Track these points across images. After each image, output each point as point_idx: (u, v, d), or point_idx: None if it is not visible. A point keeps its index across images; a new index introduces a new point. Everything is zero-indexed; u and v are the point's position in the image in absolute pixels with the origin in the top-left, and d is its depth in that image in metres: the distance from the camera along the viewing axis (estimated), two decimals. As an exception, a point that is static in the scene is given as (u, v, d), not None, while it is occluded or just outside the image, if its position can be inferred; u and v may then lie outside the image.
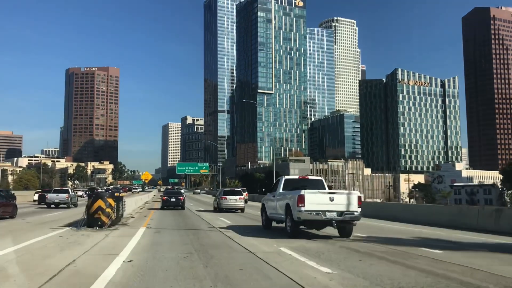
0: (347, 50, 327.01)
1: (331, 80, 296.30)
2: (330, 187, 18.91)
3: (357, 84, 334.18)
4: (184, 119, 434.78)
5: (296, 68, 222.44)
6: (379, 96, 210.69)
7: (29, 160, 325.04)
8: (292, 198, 13.79)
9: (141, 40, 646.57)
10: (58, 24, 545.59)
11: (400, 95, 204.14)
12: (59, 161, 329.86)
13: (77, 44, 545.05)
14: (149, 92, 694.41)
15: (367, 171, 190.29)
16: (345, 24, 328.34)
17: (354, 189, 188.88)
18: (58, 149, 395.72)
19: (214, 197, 39.09)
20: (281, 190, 15.81)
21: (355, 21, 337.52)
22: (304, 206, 13.18)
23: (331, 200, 13.36)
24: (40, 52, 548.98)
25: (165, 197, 34.36)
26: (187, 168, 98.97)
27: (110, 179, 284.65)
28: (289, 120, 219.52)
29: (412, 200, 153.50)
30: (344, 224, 13.79)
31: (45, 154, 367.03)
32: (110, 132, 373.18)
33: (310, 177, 17.54)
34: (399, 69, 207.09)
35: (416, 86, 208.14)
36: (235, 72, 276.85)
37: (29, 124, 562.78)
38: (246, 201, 36.61)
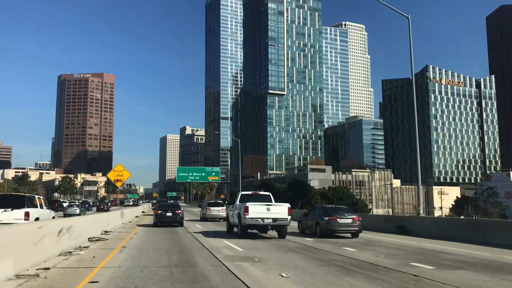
0: (357, 55, 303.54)
1: (345, 83, 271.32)
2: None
3: (369, 91, 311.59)
4: (183, 130, 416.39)
5: (310, 66, 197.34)
6: (406, 97, 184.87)
7: (16, 172, 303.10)
8: (241, 208, 19.25)
9: (137, 49, 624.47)
10: (51, 30, 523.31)
11: (432, 96, 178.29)
12: (48, 173, 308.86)
13: (70, 51, 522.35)
14: (146, 103, 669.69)
15: (396, 183, 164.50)
16: (354, 28, 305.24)
17: (381, 203, 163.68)
18: (50, 162, 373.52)
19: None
20: (237, 203, 20.84)
21: (364, 26, 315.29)
22: (248, 214, 18.60)
23: (268, 210, 18.82)
24: (32, 59, 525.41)
25: (159, 211, 27.53)
26: (190, 174, 71.60)
27: (103, 192, 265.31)
28: (303, 125, 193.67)
29: (461, 216, 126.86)
30: (279, 228, 19.45)
31: (38, 167, 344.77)
32: (104, 142, 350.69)
33: (260, 193, 23.04)
34: (430, 66, 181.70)
35: (449, 86, 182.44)
36: (239, 74, 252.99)
37: (25, 137, 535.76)
38: None
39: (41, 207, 19.72)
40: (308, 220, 22.52)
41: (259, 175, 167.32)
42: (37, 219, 17.78)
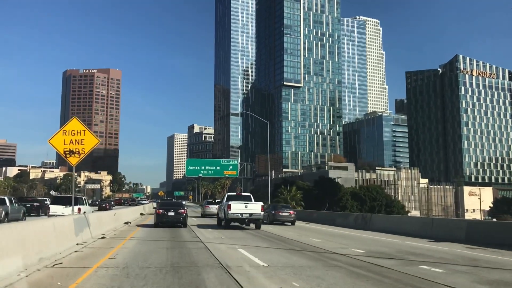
0: (372, 50, 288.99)
1: (363, 77, 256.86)
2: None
3: (384, 88, 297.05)
4: (191, 128, 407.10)
5: (328, 57, 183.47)
6: (433, 91, 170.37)
7: (18, 169, 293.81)
8: (225, 206, 24.41)
9: (143, 45, 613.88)
10: (57, 25, 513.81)
11: (463, 88, 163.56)
12: (52, 171, 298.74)
13: (76, 49, 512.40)
14: (153, 101, 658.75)
15: (423, 182, 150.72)
16: (368, 23, 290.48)
17: (407, 204, 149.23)
18: (55, 160, 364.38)
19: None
20: (224, 201, 25.81)
21: (378, 21, 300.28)
22: (230, 210, 23.73)
23: (246, 207, 23.94)
24: (38, 56, 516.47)
25: (160, 210, 25.26)
26: (202, 168, 57.70)
27: (108, 191, 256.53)
28: (321, 120, 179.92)
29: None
30: (255, 221, 24.68)
31: (44, 166, 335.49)
32: (110, 140, 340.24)
33: (243, 194, 28.61)
34: (460, 56, 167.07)
35: (480, 78, 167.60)
36: (250, 69, 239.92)
37: (33, 136, 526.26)
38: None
39: (87, 204, 28.77)
40: (266, 212, 29.15)
41: (273, 174, 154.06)
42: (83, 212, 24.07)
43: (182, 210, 25.03)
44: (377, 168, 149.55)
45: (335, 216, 30.84)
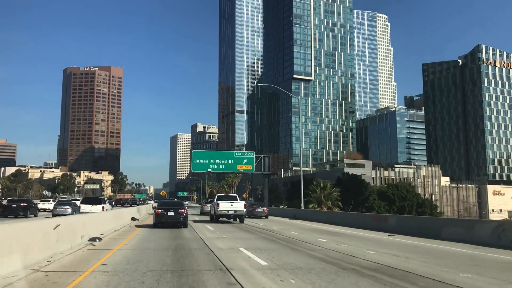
0: (381, 46, 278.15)
1: (374, 72, 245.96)
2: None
3: (393, 85, 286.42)
4: (194, 127, 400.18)
5: (340, 49, 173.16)
6: (453, 83, 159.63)
7: (17, 170, 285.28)
8: (215, 204, 29.75)
9: (146, 44, 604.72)
10: (57, 24, 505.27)
11: (485, 80, 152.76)
12: (52, 171, 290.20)
13: (77, 46, 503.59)
14: (156, 101, 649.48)
15: (444, 181, 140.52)
16: (377, 18, 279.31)
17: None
18: (56, 161, 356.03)
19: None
20: (215, 201, 30.62)
21: (386, 16, 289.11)
22: (219, 208, 28.82)
23: (231, 205, 28.91)
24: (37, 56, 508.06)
25: (160, 210, 24.29)
26: (211, 161, 47.99)
27: (109, 191, 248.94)
28: (333, 115, 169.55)
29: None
30: (238, 217, 29.71)
31: (45, 166, 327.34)
32: (111, 139, 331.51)
33: (230, 194, 33.35)
34: (483, 46, 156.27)
35: (504, 69, 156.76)
36: (256, 64, 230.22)
37: (36, 137, 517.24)
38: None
39: (108, 204, 37.57)
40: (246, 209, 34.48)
41: (282, 172, 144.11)
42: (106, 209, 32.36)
43: (182, 210, 24.33)
44: (395, 165, 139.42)
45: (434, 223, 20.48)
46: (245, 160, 50.36)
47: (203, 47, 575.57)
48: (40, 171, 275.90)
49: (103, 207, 31.46)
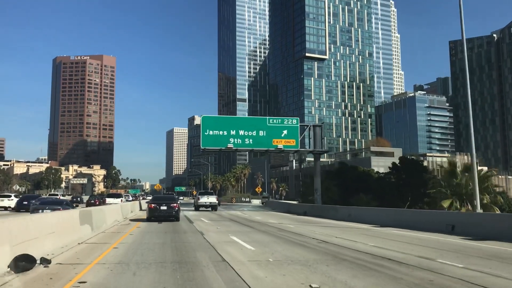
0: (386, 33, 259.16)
1: (388, 55, 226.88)
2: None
3: (400, 74, 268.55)
4: (191, 120, 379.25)
5: (357, 25, 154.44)
6: (487, 62, 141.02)
7: (4, 164, 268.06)
8: (196, 198, 46.40)
9: (140, 35, 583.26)
10: (46, 15, 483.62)
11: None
12: (41, 165, 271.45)
13: (67, 38, 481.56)
14: (152, 94, 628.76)
15: (486, 171, 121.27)
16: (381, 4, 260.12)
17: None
18: (47, 156, 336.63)
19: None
20: (197, 195, 47.42)
21: (393, 1, 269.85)
22: (199, 200, 44.52)
23: (208, 198, 44.53)
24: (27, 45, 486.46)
25: (153, 205, 25.72)
26: (233, 134, 28.83)
27: (101, 187, 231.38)
28: (349, 99, 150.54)
29: None
30: (213, 208, 44.42)
31: (38, 161, 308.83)
32: (104, 132, 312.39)
33: (208, 191, 60.05)
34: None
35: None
36: (259, 49, 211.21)
37: (29, 132, 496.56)
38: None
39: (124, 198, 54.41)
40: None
41: (294, 164, 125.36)
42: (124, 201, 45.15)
43: (175, 204, 25.45)
44: (427, 154, 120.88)
45: None
46: (285, 131, 31.92)
47: (200, 35, 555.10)
48: (26, 166, 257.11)
49: (121, 200, 47.82)
